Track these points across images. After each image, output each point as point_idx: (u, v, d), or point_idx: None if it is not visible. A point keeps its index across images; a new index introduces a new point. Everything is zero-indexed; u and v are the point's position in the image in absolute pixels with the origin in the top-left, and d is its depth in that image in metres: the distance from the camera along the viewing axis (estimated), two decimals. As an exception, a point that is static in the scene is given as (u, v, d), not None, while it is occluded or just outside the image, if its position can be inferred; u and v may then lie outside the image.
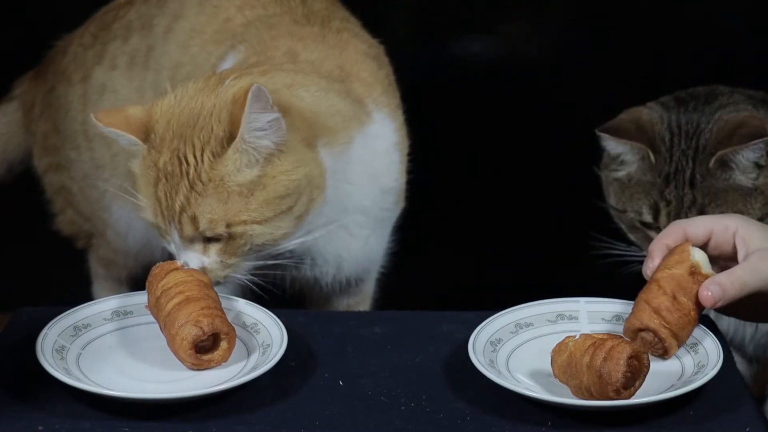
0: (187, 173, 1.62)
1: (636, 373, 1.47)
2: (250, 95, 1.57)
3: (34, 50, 2.23)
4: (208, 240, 1.64)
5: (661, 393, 1.47)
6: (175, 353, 1.55)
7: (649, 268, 1.56)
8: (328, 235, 1.76)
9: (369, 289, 1.97)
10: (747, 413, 1.49)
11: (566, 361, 1.48)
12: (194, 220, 1.62)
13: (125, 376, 1.55)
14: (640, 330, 1.54)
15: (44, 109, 2.15)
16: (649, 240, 1.87)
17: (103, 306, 1.66)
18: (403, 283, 2.02)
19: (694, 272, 1.53)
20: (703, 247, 1.57)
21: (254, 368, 1.53)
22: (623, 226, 1.94)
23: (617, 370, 1.45)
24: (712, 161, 1.82)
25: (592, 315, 1.65)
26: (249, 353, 1.58)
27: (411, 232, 2.07)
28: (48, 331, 1.58)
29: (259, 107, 1.58)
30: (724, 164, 1.82)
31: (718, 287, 1.51)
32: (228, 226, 1.62)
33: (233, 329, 1.56)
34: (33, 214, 2.25)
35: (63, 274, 2.32)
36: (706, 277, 1.53)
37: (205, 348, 1.55)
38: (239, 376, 1.53)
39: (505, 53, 2.46)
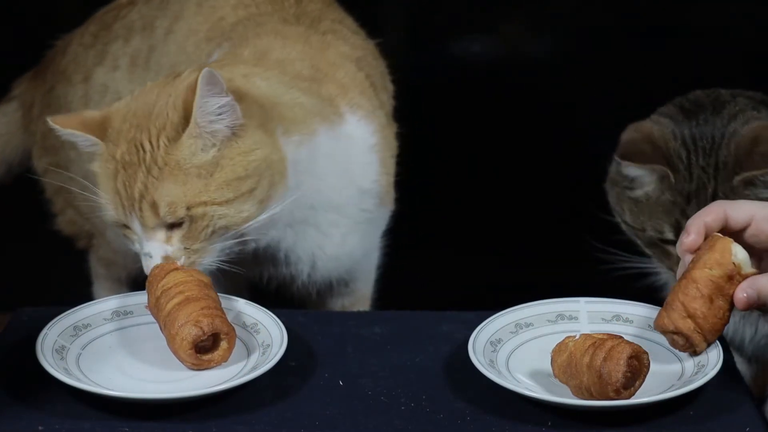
0: (144, 160, 1.62)
1: (636, 373, 1.47)
2: (200, 79, 1.58)
3: (33, 50, 2.23)
4: (171, 227, 1.64)
5: (661, 393, 1.47)
6: (175, 353, 1.55)
7: (684, 244, 1.52)
8: (301, 232, 1.77)
9: (363, 290, 1.96)
10: (747, 413, 1.49)
11: (566, 361, 1.48)
12: (154, 206, 1.62)
13: (125, 376, 1.55)
14: (673, 332, 1.53)
15: (43, 109, 2.15)
16: (669, 256, 1.87)
17: (103, 306, 1.67)
18: (403, 283, 2.02)
19: (735, 274, 1.50)
20: (741, 232, 1.54)
21: (254, 368, 1.53)
22: (639, 243, 1.92)
23: (617, 370, 1.45)
24: (736, 181, 1.81)
25: (592, 315, 1.65)
26: (249, 353, 1.59)
27: (411, 232, 2.07)
28: (48, 331, 1.58)
29: (210, 91, 1.60)
30: (750, 183, 1.81)
31: (754, 291, 1.48)
32: (188, 208, 1.62)
33: (233, 329, 1.56)
34: (33, 214, 2.25)
35: (63, 274, 2.32)
36: (746, 277, 1.50)
37: (205, 348, 1.55)
38: (239, 376, 1.53)
39: (505, 53, 2.46)
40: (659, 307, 1.55)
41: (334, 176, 1.77)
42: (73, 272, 2.28)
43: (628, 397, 1.46)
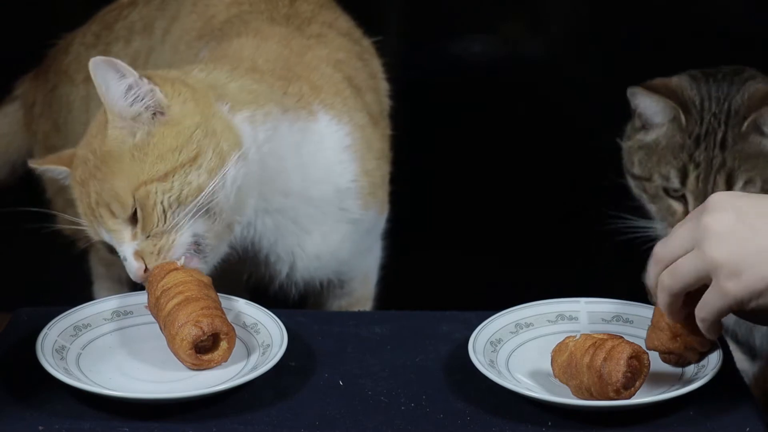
0: (90, 169, 1.64)
1: (636, 373, 1.47)
2: (91, 67, 1.60)
3: (34, 51, 2.23)
4: (133, 224, 1.63)
5: (661, 393, 1.47)
6: (175, 353, 1.55)
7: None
8: (282, 227, 1.77)
9: (361, 291, 1.95)
10: (747, 413, 1.49)
11: (566, 361, 1.48)
12: (107, 207, 1.62)
13: (125, 376, 1.55)
14: (665, 353, 1.53)
15: (45, 109, 2.15)
16: (671, 211, 1.87)
17: (103, 306, 1.67)
18: (403, 283, 2.02)
19: None
20: None
21: (254, 368, 1.53)
22: (644, 198, 1.92)
23: (617, 370, 1.45)
24: (746, 124, 1.81)
25: (593, 315, 1.65)
26: (249, 353, 1.59)
27: (411, 232, 2.07)
28: (48, 331, 1.58)
29: (108, 75, 1.60)
30: (758, 128, 1.81)
31: (708, 316, 1.45)
32: (133, 195, 1.61)
33: (233, 329, 1.56)
34: (33, 214, 2.25)
35: (63, 274, 2.32)
36: None
37: (206, 348, 1.55)
38: (239, 376, 1.53)
39: (505, 53, 2.46)
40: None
41: (305, 168, 1.76)
42: (73, 272, 2.28)
43: (628, 398, 1.46)
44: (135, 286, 1.68)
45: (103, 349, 1.60)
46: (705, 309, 1.44)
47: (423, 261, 2.37)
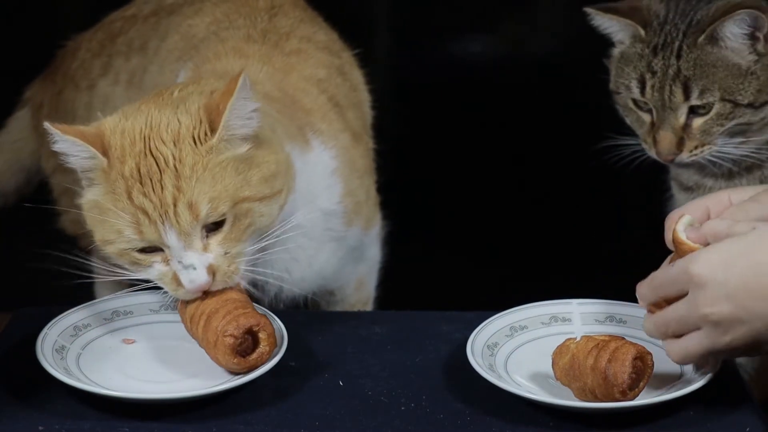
0: (168, 166, 1.56)
1: (640, 373, 1.47)
2: (240, 81, 1.55)
3: (40, 57, 2.23)
4: (208, 232, 1.58)
5: (661, 394, 1.47)
6: (230, 370, 1.53)
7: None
8: (270, 258, 1.69)
9: (356, 296, 1.90)
10: (747, 413, 1.49)
11: (568, 363, 1.48)
12: (192, 206, 1.55)
13: (125, 376, 1.55)
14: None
15: (52, 111, 2.15)
16: (640, 122, 1.87)
17: (103, 306, 1.67)
18: (403, 283, 2.02)
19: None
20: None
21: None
22: (622, 112, 1.93)
23: (623, 371, 1.45)
24: (703, 35, 1.81)
25: (585, 316, 1.65)
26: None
27: (411, 232, 2.07)
28: (48, 331, 1.59)
29: (244, 95, 1.57)
30: (713, 39, 1.81)
31: (647, 292, 1.50)
32: (234, 204, 1.57)
33: (263, 316, 1.54)
34: (33, 214, 2.25)
35: (63, 274, 2.32)
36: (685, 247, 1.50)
37: (248, 348, 1.53)
38: (239, 376, 1.53)
39: (504, 53, 2.46)
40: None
41: (302, 199, 1.72)
42: (73, 272, 2.28)
43: (633, 398, 1.46)
44: (135, 287, 1.67)
45: (103, 349, 1.61)
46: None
47: (423, 261, 2.37)
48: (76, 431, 1.46)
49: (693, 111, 1.82)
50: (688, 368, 1.54)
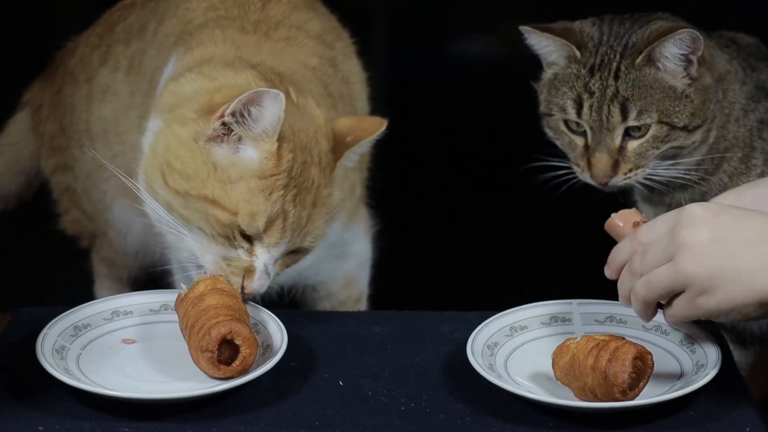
0: (313, 155, 1.64)
1: (641, 373, 1.47)
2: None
3: (39, 60, 2.23)
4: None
5: (661, 394, 1.47)
6: (216, 378, 1.53)
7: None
8: None
9: (345, 293, 1.90)
10: (747, 413, 1.49)
11: (569, 363, 1.48)
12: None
13: (125, 376, 1.55)
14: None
15: (51, 111, 2.15)
16: (572, 146, 1.87)
17: (103, 306, 1.67)
18: (403, 283, 2.02)
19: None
20: None
21: (254, 368, 1.53)
22: (551, 135, 1.93)
23: (623, 371, 1.45)
24: (641, 56, 1.81)
25: (586, 316, 1.65)
26: (249, 353, 1.58)
27: (411, 232, 2.07)
28: (48, 331, 1.58)
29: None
30: (651, 60, 1.81)
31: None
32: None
33: (236, 321, 1.52)
34: (34, 214, 2.25)
35: (63, 274, 2.32)
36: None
37: (232, 354, 1.52)
38: (239, 376, 1.53)
39: (504, 53, 2.46)
40: None
41: None
42: (73, 272, 2.28)
43: (633, 398, 1.46)
44: (136, 286, 1.68)
45: (103, 349, 1.61)
46: (675, 314, 1.49)
47: (423, 261, 2.37)
48: (76, 431, 1.46)
49: (628, 134, 1.82)
50: (688, 368, 1.54)
